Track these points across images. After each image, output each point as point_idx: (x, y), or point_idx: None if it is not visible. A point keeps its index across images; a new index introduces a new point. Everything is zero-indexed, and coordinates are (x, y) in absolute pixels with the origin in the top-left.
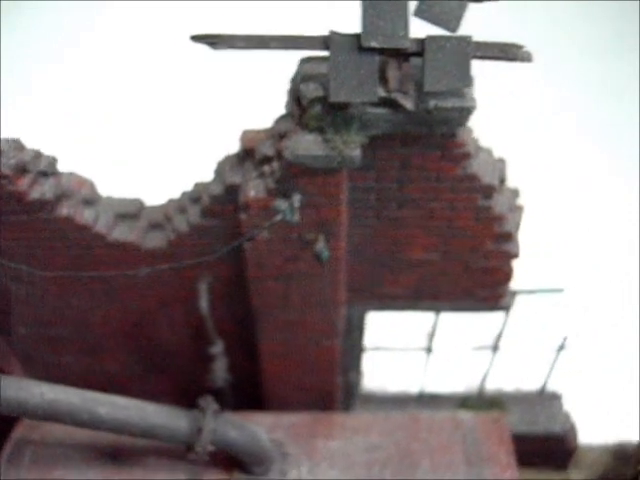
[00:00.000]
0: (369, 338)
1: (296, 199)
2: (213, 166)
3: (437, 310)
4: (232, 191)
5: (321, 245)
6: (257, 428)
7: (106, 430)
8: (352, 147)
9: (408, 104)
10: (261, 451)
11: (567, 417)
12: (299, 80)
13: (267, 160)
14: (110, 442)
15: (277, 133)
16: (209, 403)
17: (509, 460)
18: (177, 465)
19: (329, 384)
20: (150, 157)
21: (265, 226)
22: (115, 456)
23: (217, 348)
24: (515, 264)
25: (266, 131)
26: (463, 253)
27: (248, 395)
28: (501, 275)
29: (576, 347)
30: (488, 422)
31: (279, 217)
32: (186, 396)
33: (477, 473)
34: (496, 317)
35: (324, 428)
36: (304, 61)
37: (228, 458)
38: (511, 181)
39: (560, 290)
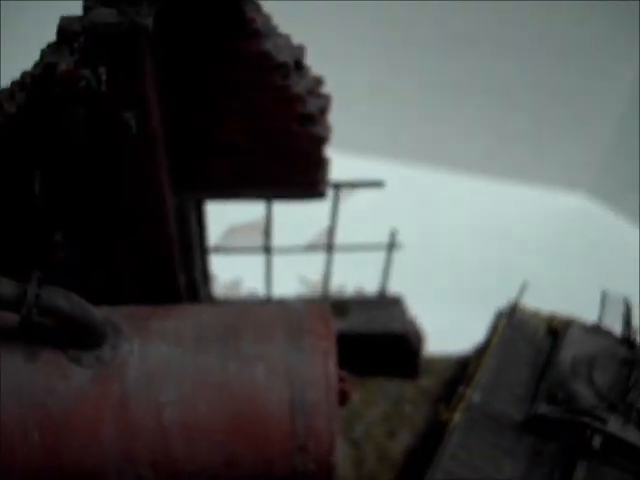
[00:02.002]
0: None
1: (102, 70)
2: None
3: (258, 197)
4: (50, 71)
5: (130, 116)
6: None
7: None
8: (144, 16)
9: None
10: (92, 323)
11: (408, 318)
12: None
13: (75, 35)
14: None
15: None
16: (35, 273)
17: (328, 332)
18: (14, 346)
19: (171, 281)
20: None
21: (73, 95)
22: None
23: (57, 236)
24: (332, 154)
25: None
26: (271, 135)
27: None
28: (313, 160)
29: (412, 248)
30: (312, 305)
31: (83, 83)
32: None
33: (296, 342)
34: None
35: (160, 313)
36: None
37: (64, 337)
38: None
39: (381, 183)
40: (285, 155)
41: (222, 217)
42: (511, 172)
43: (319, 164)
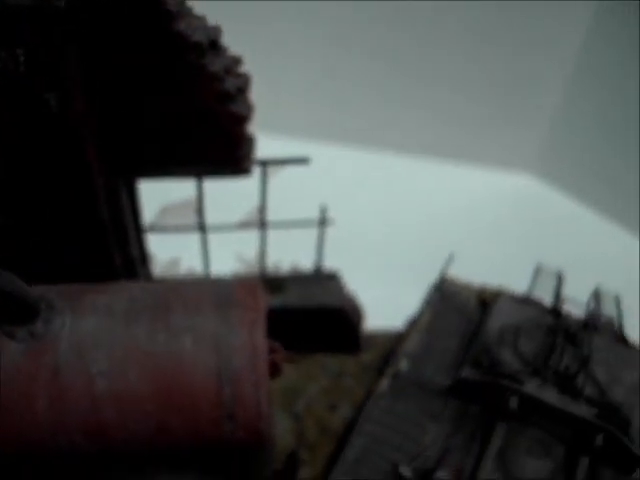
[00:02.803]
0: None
1: (19, 51)
2: None
3: (185, 175)
4: None
5: (51, 97)
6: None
7: None
8: None
9: None
10: (25, 299)
11: (345, 293)
12: None
13: None
14: None
15: None
16: None
17: (255, 304)
18: None
19: (106, 260)
20: None
21: None
22: None
23: None
24: (254, 131)
25: None
26: (192, 114)
27: None
28: (236, 137)
29: (347, 225)
30: (242, 280)
31: (0, 65)
32: None
33: (223, 314)
34: (256, 192)
35: (93, 290)
36: None
37: None
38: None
39: (306, 160)
40: (208, 133)
41: (155, 196)
42: (454, 153)
43: (241, 141)
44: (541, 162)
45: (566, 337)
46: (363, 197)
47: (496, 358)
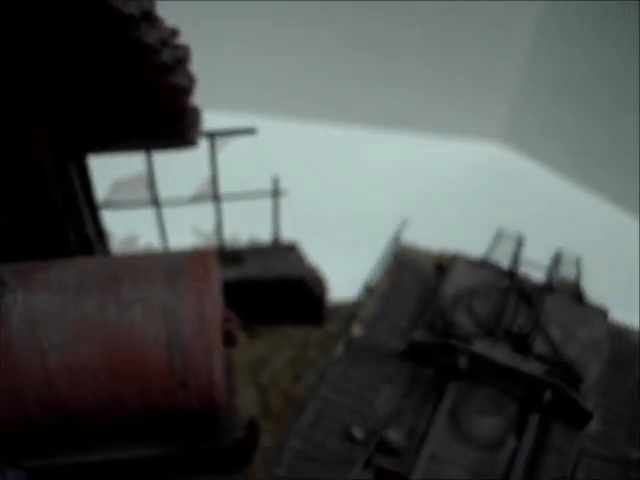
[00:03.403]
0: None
1: None
2: None
3: (132, 149)
4: None
5: None
6: None
7: None
8: None
9: None
10: None
11: (305, 264)
12: None
13: None
14: None
15: None
16: None
17: (204, 273)
18: None
19: (59, 238)
20: None
21: None
22: None
23: None
24: (197, 102)
25: None
26: (132, 87)
27: None
28: (178, 109)
29: (304, 197)
30: (192, 251)
31: None
32: None
33: (172, 284)
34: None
35: (45, 266)
36: None
37: None
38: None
39: (253, 130)
40: (151, 106)
41: (106, 173)
42: (416, 124)
43: (185, 113)
44: (507, 129)
45: (521, 298)
46: (319, 169)
47: (449, 320)
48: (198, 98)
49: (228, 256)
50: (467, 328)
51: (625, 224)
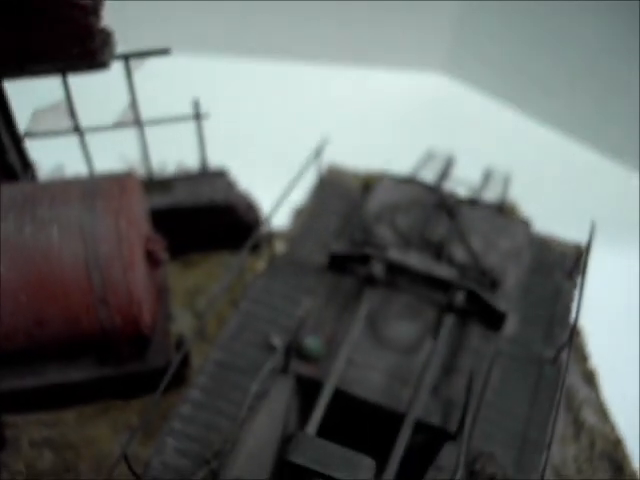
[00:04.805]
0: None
1: None
2: None
3: (44, 72)
4: None
5: None
6: None
7: None
8: None
9: None
10: None
11: (234, 190)
12: None
13: None
14: None
15: None
16: None
17: (121, 193)
18: None
19: None
20: None
21: None
22: None
23: None
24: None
25: None
26: (40, 7)
27: None
28: (86, 29)
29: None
30: (113, 174)
31: None
32: None
33: (89, 204)
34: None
35: None
36: None
37: None
38: None
39: (168, 51)
40: (59, 27)
41: (25, 102)
42: (361, 58)
43: (93, 33)
44: (448, 60)
45: (444, 211)
46: (256, 101)
47: (371, 234)
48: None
49: (156, 184)
50: (387, 240)
51: (556, 144)
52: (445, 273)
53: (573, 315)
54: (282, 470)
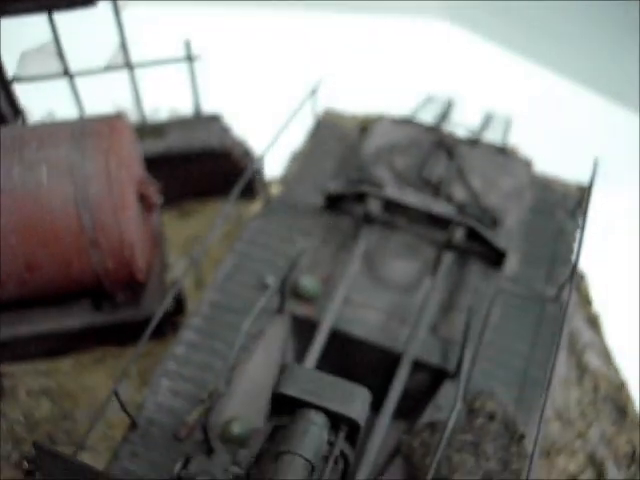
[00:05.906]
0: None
1: None
2: None
3: (30, 11)
4: None
5: None
6: None
7: None
8: None
9: None
10: None
11: (229, 135)
12: None
13: None
14: None
15: None
16: None
17: (110, 133)
18: None
19: None
20: None
21: None
22: None
23: None
24: None
25: None
26: None
27: None
28: None
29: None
30: (103, 115)
31: None
32: None
33: (78, 145)
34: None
35: None
36: None
37: None
38: None
39: None
40: None
41: (11, 46)
42: (359, 3)
43: None
44: (450, 6)
45: (443, 151)
46: (243, 47)
47: (367, 172)
48: None
49: (149, 129)
50: (385, 180)
51: (557, 88)
52: (444, 210)
53: (575, 255)
54: (274, 405)
